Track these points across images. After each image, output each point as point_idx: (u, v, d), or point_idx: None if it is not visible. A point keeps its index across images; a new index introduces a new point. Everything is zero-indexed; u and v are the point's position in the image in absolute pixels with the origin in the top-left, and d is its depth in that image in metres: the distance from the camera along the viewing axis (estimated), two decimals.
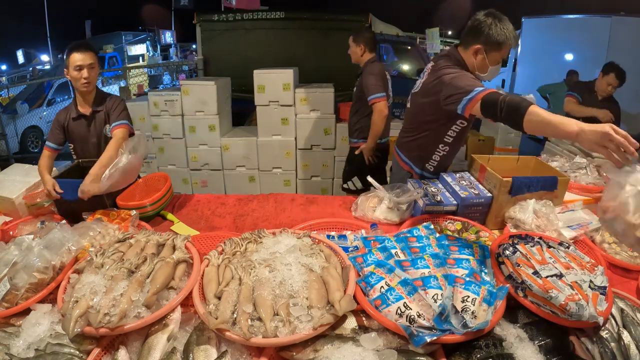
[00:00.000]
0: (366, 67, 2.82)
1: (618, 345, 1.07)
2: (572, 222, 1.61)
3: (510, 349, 0.99)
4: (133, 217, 1.64)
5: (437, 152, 1.91)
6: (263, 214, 1.91)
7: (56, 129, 2.05)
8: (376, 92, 2.70)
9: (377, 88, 2.70)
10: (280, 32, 4.71)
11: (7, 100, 8.23)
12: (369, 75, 2.74)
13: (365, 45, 2.83)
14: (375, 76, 2.73)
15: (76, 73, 1.91)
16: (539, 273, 1.20)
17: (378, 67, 2.81)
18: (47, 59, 17.90)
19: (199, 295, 1.12)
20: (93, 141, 2.07)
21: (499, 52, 1.68)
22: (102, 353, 1.02)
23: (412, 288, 1.06)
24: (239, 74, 4.43)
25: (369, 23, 4.73)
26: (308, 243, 1.31)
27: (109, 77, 10.12)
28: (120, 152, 1.82)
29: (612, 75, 3.02)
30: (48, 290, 1.20)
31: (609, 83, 3.04)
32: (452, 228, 1.63)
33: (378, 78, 2.73)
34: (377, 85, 2.71)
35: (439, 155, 1.92)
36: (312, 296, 1.05)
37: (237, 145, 4.06)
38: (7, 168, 2.10)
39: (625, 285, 1.38)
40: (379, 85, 2.71)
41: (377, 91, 2.70)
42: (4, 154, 6.34)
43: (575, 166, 2.07)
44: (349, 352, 0.95)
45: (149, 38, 17.77)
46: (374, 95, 2.70)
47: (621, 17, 5.54)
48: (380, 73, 2.77)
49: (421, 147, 1.94)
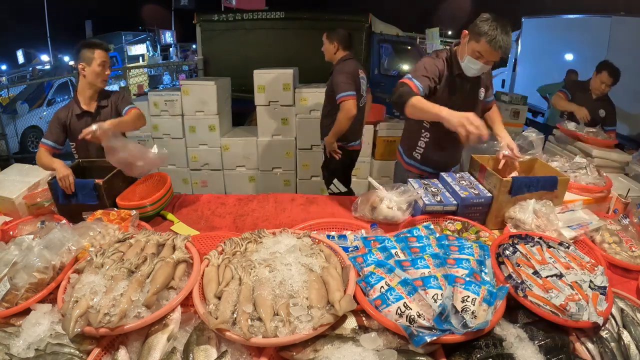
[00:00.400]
0: (337, 65, 2.75)
1: (618, 345, 1.07)
2: (572, 222, 1.61)
3: (510, 349, 0.99)
4: (133, 217, 1.64)
5: (421, 138, 2.06)
6: (263, 214, 1.91)
7: (56, 128, 2.04)
8: (344, 90, 2.62)
9: (346, 86, 2.62)
10: (280, 32, 4.72)
11: (7, 100, 8.21)
12: (339, 74, 2.67)
13: (338, 43, 2.76)
14: (345, 74, 2.66)
15: (100, 69, 2.02)
16: (539, 273, 1.20)
17: (350, 65, 2.72)
18: (47, 59, 17.88)
19: (199, 295, 1.12)
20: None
21: (477, 44, 1.70)
22: (102, 353, 1.02)
23: (412, 288, 1.06)
24: (239, 74, 4.43)
25: (369, 23, 4.74)
26: (308, 243, 1.31)
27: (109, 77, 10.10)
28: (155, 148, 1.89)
29: (605, 74, 3.01)
30: (48, 290, 1.20)
31: (602, 81, 3.03)
32: (452, 228, 1.63)
33: (349, 77, 2.65)
34: (346, 83, 2.63)
35: (424, 142, 2.07)
36: (312, 296, 1.05)
37: (237, 145, 4.06)
38: (7, 168, 2.10)
39: (625, 285, 1.38)
40: (349, 83, 2.63)
41: (346, 89, 2.62)
42: (4, 154, 6.34)
43: (575, 166, 2.07)
44: (349, 352, 0.95)
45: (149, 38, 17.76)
46: (342, 93, 2.61)
47: (621, 17, 5.53)
48: (351, 72, 2.69)
49: (407, 132, 2.13)
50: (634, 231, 1.62)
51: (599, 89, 3.05)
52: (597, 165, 2.19)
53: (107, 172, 1.80)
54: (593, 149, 2.38)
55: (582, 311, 1.07)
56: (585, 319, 1.06)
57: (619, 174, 2.28)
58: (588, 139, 2.50)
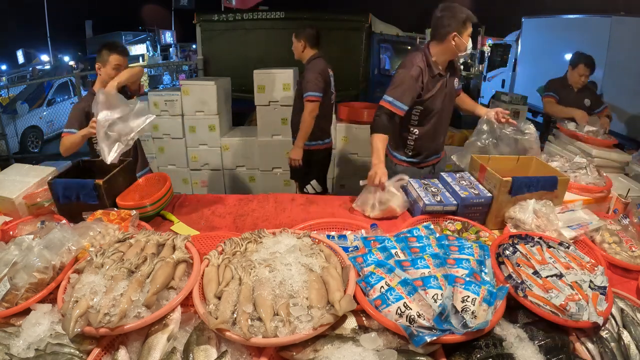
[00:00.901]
0: (308, 64, 2.79)
1: (618, 345, 1.07)
2: (572, 222, 1.61)
3: (510, 349, 0.99)
4: (133, 217, 1.64)
5: (410, 135, 2.19)
6: (263, 214, 1.91)
7: (78, 117, 2.15)
8: (312, 90, 2.67)
9: (314, 86, 2.67)
10: (280, 32, 4.71)
11: (7, 100, 8.22)
12: (310, 72, 2.72)
13: (306, 41, 2.80)
14: (316, 73, 2.70)
15: (114, 73, 2.12)
16: (539, 273, 1.20)
17: (320, 64, 2.77)
18: (47, 59, 17.89)
19: (199, 295, 1.12)
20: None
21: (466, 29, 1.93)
22: (102, 353, 1.02)
23: (412, 288, 1.06)
24: (239, 74, 4.43)
25: (369, 23, 4.74)
26: (308, 243, 1.31)
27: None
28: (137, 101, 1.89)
29: (582, 66, 3.07)
30: (48, 290, 1.20)
31: (580, 74, 3.08)
32: (452, 228, 1.63)
33: (319, 76, 2.70)
34: (316, 83, 2.68)
35: (412, 139, 2.19)
36: (312, 296, 1.05)
37: (237, 145, 4.06)
38: (7, 168, 2.10)
39: (625, 285, 1.38)
40: (319, 83, 2.68)
41: (314, 89, 2.67)
42: (4, 154, 6.34)
43: (575, 166, 2.07)
44: (349, 352, 0.95)
45: (149, 38, 17.79)
46: (310, 92, 2.67)
47: (621, 17, 5.54)
48: (322, 71, 2.73)
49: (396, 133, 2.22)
50: (634, 231, 1.62)
51: (579, 81, 3.09)
52: (597, 165, 2.19)
53: (107, 172, 1.80)
54: (593, 149, 2.37)
55: (582, 311, 1.07)
56: (585, 319, 1.06)
57: (619, 174, 2.28)
58: (588, 139, 2.50)
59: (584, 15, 6.37)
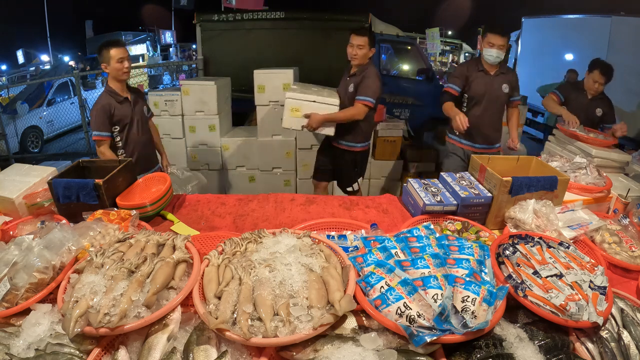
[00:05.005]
0: (366, 70, 2.84)
1: (618, 345, 1.07)
2: (572, 222, 1.61)
3: (510, 349, 1.00)
4: (133, 217, 1.64)
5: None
6: (263, 214, 1.91)
7: (105, 118, 2.29)
8: (370, 96, 2.74)
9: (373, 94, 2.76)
10: (280, 32, 4.71)
11: (7, 100, 8.21)
12: (376, 78, 2.80)
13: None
14: (379, 82, 2.80)
15: (119, 65, 2.26)
16: (539, 273, 1.20)
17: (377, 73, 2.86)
18: (47, 59, 17.88)
19: (199, 295, 1.12)
20: (137, 119, 2.47)
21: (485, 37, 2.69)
22: (102, 353, 1.02)
23: (412, 288, 1.06)
24: (239, 74, 4.43)
25: (369, 23, 4.73)
26: (308, 243, 1.31)
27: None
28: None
29: (597, 72, 2.98)
30: (48, 290, 1.20)
31: (594, 80, 3.01)
32: (452, 228, 1.63)
33: (381, 86, 2.80)
34: (376, 91, 2.77)
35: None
36: (312, 296, 1.05)
37: (237, 145, 4.06)
38: (7, 168, 2.09)
39: (625, 285, 1.38)
40: (378, 92, 2.78)
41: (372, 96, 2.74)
42: (4, 154, 6.33)
43: (575, 166, 2.07)
44: (349, 352, 0.95)
45: (149, 38, 17.78)
46: (366, 97, 2.75)
47: (621, 17, 5.54)
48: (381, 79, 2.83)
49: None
50: (634, 231, 1.62)
51: (593, 88, 3.03)
52: (597, 165, 2.19)
53: (107, 172, 1.80)
54: (593, 149, 2.37)
55: (582, 311, 1.07)
56: (585, 319, 1.06)
57: (619, 174, 2.28)
58: (588, 139, 2.50)
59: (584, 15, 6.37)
